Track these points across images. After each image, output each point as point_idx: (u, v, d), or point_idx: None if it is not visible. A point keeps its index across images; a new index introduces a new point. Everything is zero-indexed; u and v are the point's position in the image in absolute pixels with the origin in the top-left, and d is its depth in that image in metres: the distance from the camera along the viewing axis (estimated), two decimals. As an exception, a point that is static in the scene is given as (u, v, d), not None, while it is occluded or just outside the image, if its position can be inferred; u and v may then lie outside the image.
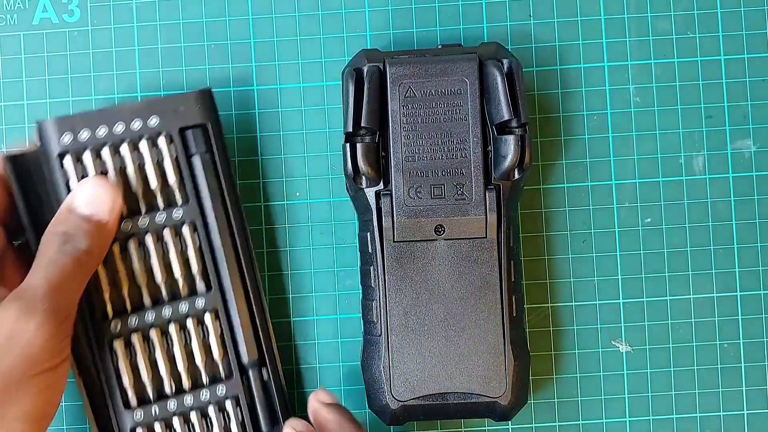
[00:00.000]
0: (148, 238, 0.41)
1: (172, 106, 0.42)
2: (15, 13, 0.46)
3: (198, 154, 0.42)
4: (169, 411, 0.42)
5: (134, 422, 0.41)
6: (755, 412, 0.46)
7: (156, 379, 0.42)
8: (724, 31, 0.46)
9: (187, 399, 0.42)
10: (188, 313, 0.42)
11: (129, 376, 0.41)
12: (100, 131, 0.41)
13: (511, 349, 0.42)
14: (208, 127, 0.42)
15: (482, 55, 0.42)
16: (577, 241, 0.46)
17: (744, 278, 0.46)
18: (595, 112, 0.46)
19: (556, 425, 0.46)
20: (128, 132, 0.41)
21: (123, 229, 0.41)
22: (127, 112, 0.41)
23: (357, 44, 0.46)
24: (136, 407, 0.41)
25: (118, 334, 0.41)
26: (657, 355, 0.46)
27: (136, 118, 0.41)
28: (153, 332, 0.41)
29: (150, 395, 0.42)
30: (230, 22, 0.46)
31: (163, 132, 0.42)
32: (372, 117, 0.42)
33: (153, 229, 0.41)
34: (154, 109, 0.41)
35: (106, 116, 0.41)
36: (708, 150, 0.46)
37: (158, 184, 0.42)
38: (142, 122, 0.41)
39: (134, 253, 0.41)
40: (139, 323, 0.41)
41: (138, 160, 0.41)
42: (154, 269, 0.42)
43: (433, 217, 0.42)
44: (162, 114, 0.41)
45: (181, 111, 0.42)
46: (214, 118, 0.43)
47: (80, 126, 0.40)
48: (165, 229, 0.42)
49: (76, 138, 0.40)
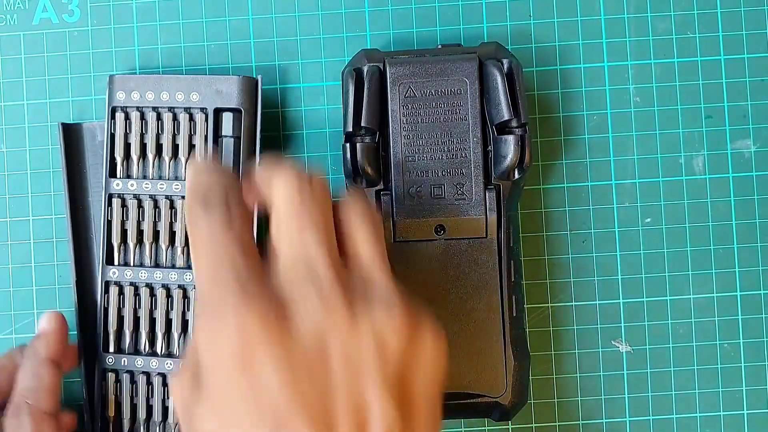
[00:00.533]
0: (163, 203, 0.44)
1: (214, 86, 0.44)
2: (15, 13, 0.46)
3: (226, 136, 0.44)
4: (137, 366, 0.44)
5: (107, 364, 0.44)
6: (755, 412, 0.46)
7: (135, 334, 0.44)
8: (724, 31, 0.46)
9: (153, 362, 0.44)
10: (177, 283, 0.44)
11: (114, 322, 0.44)
12: (149, 95, 0.44)
13: (511, 349, 0.42)
14: (241, 113, 0.43)
15: (482, 55, 0.42)
16: (577, 241, 0.46)
17: (744, 278, 0.46)
18: (595, 112, 0.46)
19: (556, 425, 0.46)
20: (172, 101, 0.44)
21: (144, 189, 0.44)
22: (174, 84, 0.44)
23: (357, 44, 0.46)
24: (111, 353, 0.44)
25: (116, 281, 0.44)
26: (657, 355, 0.46)
27: (180, 91, 0.44)
28: (142, 289, 0.44)
29: (126, 347, 0.44)
30: (230, 23, 0.46)
31: (201, 109, 0.44)
32: (372, 117, 0.42)
33: (167, 196, 0.44)
34: (198, 86, 0.44)
35: (157, 83, 0.44)
36: (708, 150, 0.46)
37: (186, 156, 0.44)
38: (185, 96, 0.44)
39: (147, 212, 0.44)
40: (133, 277, 0.44)
41: (174, 131, 0.44)
42: (161, 234, 0.44)
43: (433, 217, 0.42)
44: (203, 92, 0.44)
45: (221, 92, 0.43)
46: (251, 105, 0.44)
47: (133, 87, 0.44)
48: (179, 199, 0.44)
49: (129, 97, 0.44)
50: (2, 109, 0.46)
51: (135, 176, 0.44)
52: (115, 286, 0.44)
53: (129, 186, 0.44)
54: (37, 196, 0.46)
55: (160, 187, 0.44)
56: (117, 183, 0.44)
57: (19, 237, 0.46)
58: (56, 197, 0.46)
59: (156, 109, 0.44)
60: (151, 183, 0.44)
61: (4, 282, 0.46)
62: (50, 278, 0.46)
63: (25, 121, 0.46)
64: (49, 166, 0.46)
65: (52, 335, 0.42)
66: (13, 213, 0.46)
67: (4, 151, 0.46)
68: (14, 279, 0.46)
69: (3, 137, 0.46)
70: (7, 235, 0.46)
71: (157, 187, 0.44)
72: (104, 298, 0.44)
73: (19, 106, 0.46)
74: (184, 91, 0.44)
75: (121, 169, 0.44)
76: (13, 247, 0.46)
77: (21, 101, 0.46)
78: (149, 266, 0.44)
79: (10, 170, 0.46)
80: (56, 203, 0.46)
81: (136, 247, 0.44)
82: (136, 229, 0.44)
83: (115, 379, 0.44)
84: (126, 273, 0.44)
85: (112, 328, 0.44)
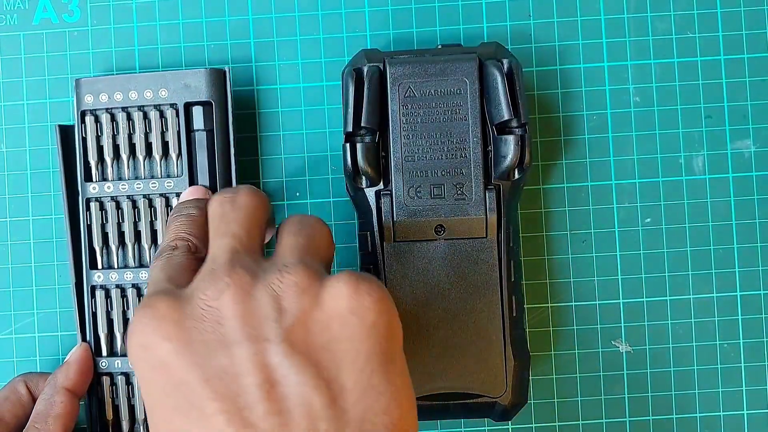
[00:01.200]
0: (141, 202, 0.44)
1: (182, 80, 0.43)
2: (15, 13, 0.46)
3: (198, 130, 0.44)
4: (131, 368, 0.44)
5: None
6: (755, 412, 0.46)
7: (126, 336, 0.44)
8: (724, 31, 0.46)
9: None
10: None
11: (104, 326, 0.44)
12: (117, 96, 0.43)
13: (511, 349, 0.42)
14: (212, 106, 0.43)
15: (482, 55, 0.42)
16: (577, 241, 0.46)
17: (744, 278, 0.46)
18: (595, 112, 0.46)
19: (556, 425, 0.46)
20: (141, 100, 0.43)
21: (121, 190, 0.44)
22: (142, 81, 0.43)
23: (357, 44, 0.46)
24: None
25: (101, 285, 0.44)
26: (657, 355, 0.46)
27: (148, 88, 0.43)
28: (130, 291, 0.44)
29: (118, 349, 0.44)
30: (230, 23, 0.46)
31: (171, 105, 0.43)
32: (372, 117, 0.42)
33: (145, 195, 0.44)
34: (165, 81, 0.43)
35: (124, 83, 0.44)
36: (708, 150, 0.46)
37: (160, 154, 0.44)
38: (153, 93, 0.43)
39: (127, 213, 0.44)
40: (120, 281, 0.44)
41: (145, 129, 0.44)
42: (142, 234, 0.44)
43: (433, 217, 0.42)
44: (172, 87, 0.43)
45: (190, 86, 0.43)
46: (220, 97, 0.44)
47: (101, 89, 0.44)
48: (158, 197, 0.44)
49: (97, 99, 0.44)
50: (2, 109, 0.46)
51: (111, 178, 0.44)
52: (101, 289, 0.44)
53: (106, 189, 0.44)
54: (37, 196, 0.46)
55: (137, 187, 0.44)
56: (93, 187, 0.44)
57: (19, 237, 0.46)
58: (56, 197, 0.46)
59: (126, 109, 0.44)
60: (127, 183, 0.44)
61: (4, 282, 0.46)
62: (50, 278, 0.46)
63: (24, 121, 0.46)
64: (48, 166, 0.46)
65: (73, 365, 0.43)
66: (13, 213, 0.46)
67: (4, 151, 0.46)
68: (14, 279, 0.46)
69: (3, 137, 0.46)
70: (7, 235, 0.46)
71: (134, 187, 0.44)
72: (91, 303, 0.44)
73: (19, 106, 0.46)
74: (152, 88, 0.43)
75: (97, 173, 0.44)
76: (13, 247, 0.46)
77: (21, 101, 0.46)
78: (134, 267, 0.44)
79: (10, 170, 0.46)
80: (56, 203, 0.46)
81: (118, 249, 0.44)
82: (117, 231, 0.44)
83: (111, 382, 0.44)
84: (111, 276, 0.44)
85: (103, 332, 0.44)
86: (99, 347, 0.44)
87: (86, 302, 0.44)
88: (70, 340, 0.45)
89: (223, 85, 0.44)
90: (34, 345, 0.46)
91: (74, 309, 0.44)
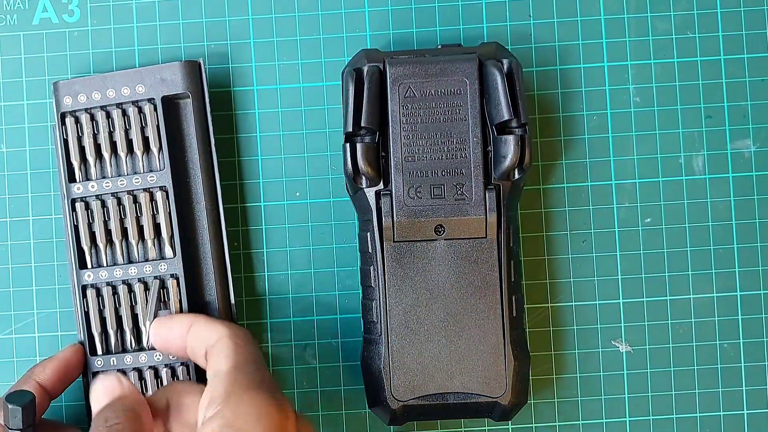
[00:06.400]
0: (126, 199, 0.44)
1: (158, 74, 0.44)
2: (15, 13, 0.46)
3: (177, 124, 0.44)
4: (127, 364, 0.44)
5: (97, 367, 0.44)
6: (755, 412, 0.46)
7: (120, 332, 0.44)
8: (723, 31, 0.46)
9: (142, 356, 0.44)
10: (153, 275, 0.44)
11: (97, 325, 0.44)
12: (95, 95, 0.44)
13: (511, 349, 0.42)
14: (189, 98, 0.44)
15: (482, 55, 0.42)
16: (577, 241, 0.46)
17: (744, 278, 0.46)
18: (595, 112, 0.46)
19: (556, 425, 0.46)
20: (119, 98, 0.44)
21: (105, 188, 0.44)
22: (118, 79, 0.44)
23: (357, 44, 0.46)
24: (100, 355, 0.44)
25: (92, 284, 0.44)
26: (657, 355, 0.46)
27: (125, 86, 0.44)
28: (121, 288, 0.44)
29: (112, 347, 0.44)
30: (230, 23, 0.46)
31: (148, 100, 0.44)
32: (372, 117, 0.42)
33: (130, 191, 0.44)
34: (141, 77, 0.44)
35: (101, 82, 0.44)
36: (708, 150, 0.46)
37: (141, 150, 0.44)
38: (131, 89, 0.44)
39: (112, 211, 0.44)
40: (109, 277, 0.44)
41: (125, 126, 0.44)
42: (129, 230, 0.44)
43: (433, 217, 0.42)
44: (148, 82, 0.44)
45: (166, 80, 0.44)
46: (197, 89, 0.44)
47: (79, 90, 0.44)
48: (142, 192, 0.44)
49: (76, 100, 0.44)
50: (2, 109, 0.46)
51: (95, 177, 0.44)
52: (92, 288, 0.44)
53: (90, 188, 0.44)
54: (37, 196, 0.46)
55: (120, 184, 0.44)
56: (78, 187, 0.44)
57: (19, 237, 0.46)
58: (56, 197, 0.46)
59: (105, 107, 0.44)
60: (111, 181, 0.44)
61: (4, 282, 0.46)
62: (50, 278, 0.46)
63: (25, 121, 0.46)
64: (48, 166, 0.46)
65: (53, 362, 0.43)
66: (13, 213, 0.46)
67: (4, 151, 0.46)
68: (14, 279, 0.46)
69: (3, 137, 0.46)
70: (7, 235, 0.46)
71: (117, 185, 0.44)
72: (83, 303, 0.44)
73: (19, 106, 0.46)
74: (129, 85, 0.44)
75: (80, 173, 0.44)
76: (13, 247, 0.46)
77: (21, 101, 0.46)
78: (123, 263, 0.44)
79: (10, 170, 0.46)
80: (56, 203, 0.46)
81: (106, 247, 0.44)
82: (104, 230, 0.44)
83: None
84: (101, 274, 0.44)
85: (96, 330, 0.44)
86: (93, 346, 0.44)
87: (78, 303, 0.44)
88: (70, 340, 0.45)
89: (199, 77, 0.44)
90: (34, 345, 0.46)
91: (74, 308, 0.44)
